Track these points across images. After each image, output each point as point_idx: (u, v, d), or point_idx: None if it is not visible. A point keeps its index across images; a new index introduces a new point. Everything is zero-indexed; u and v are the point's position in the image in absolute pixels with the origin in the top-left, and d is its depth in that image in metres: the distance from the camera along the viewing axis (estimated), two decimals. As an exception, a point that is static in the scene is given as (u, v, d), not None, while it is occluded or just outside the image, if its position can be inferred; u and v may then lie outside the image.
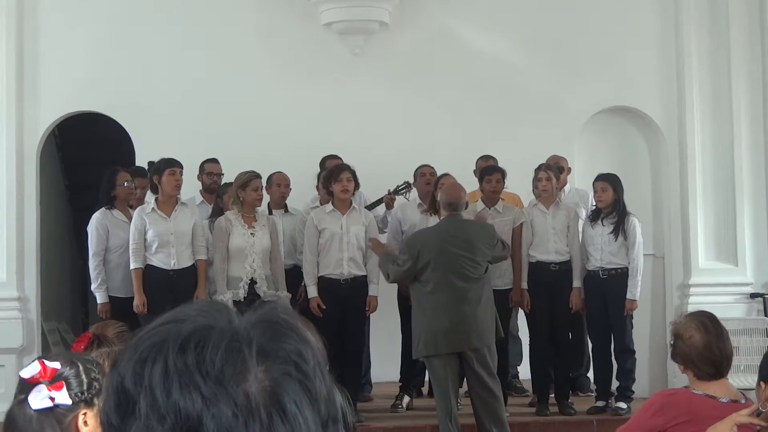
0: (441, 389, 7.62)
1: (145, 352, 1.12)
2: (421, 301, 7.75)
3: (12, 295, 9.31)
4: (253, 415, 1.09)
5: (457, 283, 7.62)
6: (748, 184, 9.94)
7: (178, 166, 8.32)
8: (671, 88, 10.05)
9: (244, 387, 1.09)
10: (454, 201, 7.78)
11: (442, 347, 7.58)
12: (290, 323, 1.16)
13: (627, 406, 8.44)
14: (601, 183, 8.62)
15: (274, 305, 1.20)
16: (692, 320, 4.19)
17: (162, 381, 1.09)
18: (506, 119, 9.98)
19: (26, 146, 9.52)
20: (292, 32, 9.96)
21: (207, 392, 1.08)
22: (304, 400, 1.11)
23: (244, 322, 1.15)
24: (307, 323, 1.22)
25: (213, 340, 1.11)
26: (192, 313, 1.15)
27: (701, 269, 9.83)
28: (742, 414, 3.56)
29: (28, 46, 9.57)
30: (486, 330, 7.64)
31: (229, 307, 1.18)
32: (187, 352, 1.10)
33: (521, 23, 10.10)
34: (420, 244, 7.71)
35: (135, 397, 1.10)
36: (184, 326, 1.13)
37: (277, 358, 1.12)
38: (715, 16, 9.95)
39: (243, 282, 8.05)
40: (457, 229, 7.71)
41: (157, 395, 1.09)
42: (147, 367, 1.10)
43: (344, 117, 9.89)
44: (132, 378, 1.11)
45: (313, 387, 1.13)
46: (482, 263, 7.71)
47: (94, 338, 3.31)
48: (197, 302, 1.19)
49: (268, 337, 1.13)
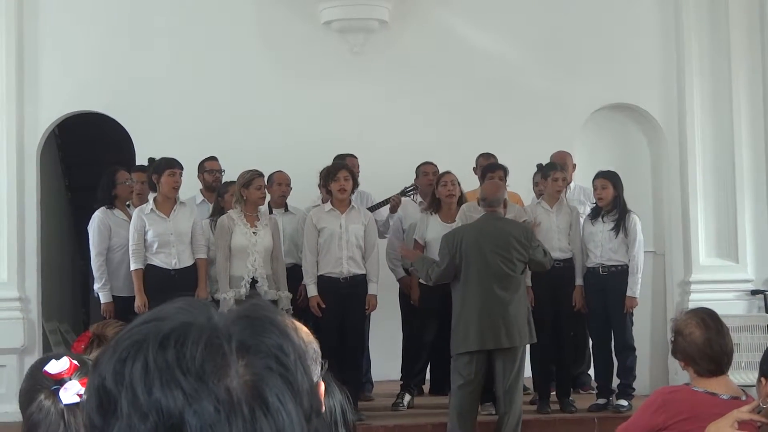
0: (462, 389, 7.65)
1: (125, 351, 1.11)
2: (457, 297, 7.81)
3: (13, 296, 9.32)
4: (235, 410, 1.08)
5: (491, 280, 7.67)
6: (749, 181, 9.95)
7: (178, 167, 8.29)
8: (672, 85, 10.05)
9: (225, 382, 1.09)
10: (491, 197, 7.81)
11: (472, 344, 7.62)
12: (270, 318, 1.16)
13: (628, 403, 8.44)
14: (601, 180, 8.63)
15: (256, 301, 1.20)
16: (693, 317, 4.19)
17: (143, 379, 1.09)
18: (506, 117, 9.98)
19: (27, 146, 9.52)
20: (292, 31, 9.96)
21: (188, 389, 1.08)
22: (287, 393, 1.11)
23: (224, 318, 1.14)
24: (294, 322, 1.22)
25: (193, 337, 1.10)
26: (172, 311, 1.14)
27: (702, 266, 9.83)
28: (743, 411, 3.56)
29: (29, 46, 9.57)
30: (516, 331, 7.67)
31: (210, 305, 1.18)
32: (167, 350, 1.10)
33: (521, 21, 10.10)
34: (458, 240, 7.75)
35: (116, 396, 1.09)
36: (164, 324, 1.12)
37: (257, 353, 1.12)
38: (716, 14, 9.95)
39: (245, 281, 8.05)
40: (494, 226, 7.75)
41: (139, 393, 1.08)
42: (127, 366, 1.10)
43: (344, 115, 9.88)
44: (112, 377, 1.10)
45: (295, 380, 1.12)
46: (518, 263, 7.73)
47: (95, 338, 3.32)
48: (177, 300, 1.18)
49: (249, 333, 1.13)
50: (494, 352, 7.72)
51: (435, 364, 9.03)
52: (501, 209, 7.93)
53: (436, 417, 8.35)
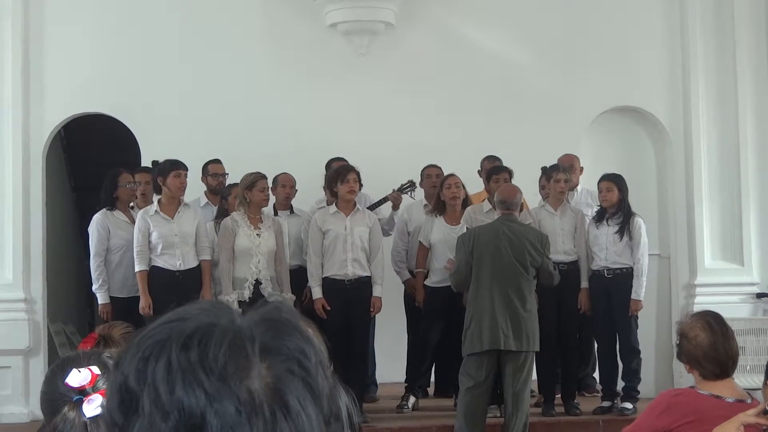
0: (470, 391, 7.64)
1: (148, 349, 1.12)
2: (470, 297, 7.82)
3: (18, 297, 9.33)
4: (256, 412, 1.09)
5: (505, 283, 7.67)
6: (754, 184, 9.93)
7: (184, 169, 8.32)
8: (677, 87, 10.04)
9: (247, 384, 1.09)
10: (507, 200, 7.81)
11: (485, 344, 7.62)
12: (292, 322, 1.17)
13: (633, 406, 8.44)
14: (606, 183, 8.62)
15: (277, 304, 1.20)
16: (698, 320, 4.19)
17: (165, 378, 1.09)
18: (512, 119, 9.98)
19: (32, 147, 9.54)
20: (297, 33, 9.97)
21: (210, 389, 1.08)
22: (307, 396, 1.12)
23: (247, 320, 1.15)
24: (309, 323, 1.23)
25: (216, 337, 1.11)
26: (195, 312, 1.15)
27: (707, 269, 9.82)
28: (749, 414, 3.56)
29: (34, 48, 9.58)
30: (526, 335, 7.67)
31: (232, 307, 1.19)
32: (190, 349, 1.10)
33: (527, 23, 10.10)
34: (473, 240, 7.76)
35: (138, 394, 1.10)
36: (187, 324, 1.13)
37: (279, 355, 1.12)
38: (721, 16, 9.95)
39: (248, 283, 8.06)
40: (510, 229, 7.75)
41: (161, 392, 1.09)
42: (150, 365, 1.11)
43: (349, 117, 9.89)
44: (135, 376, 1.11)
45: (316, 384, 1.13)
46: (530, 267, 7.73)
47: (101, 339, 3.31)
48: (200, 301, 1.19)
49: (271, 335, 1.14)
50: (504, 355, 7.70)
51: (440, 366, 9.04)
52: (517, 213, 7.94)
53: (441, 419, 8.36)
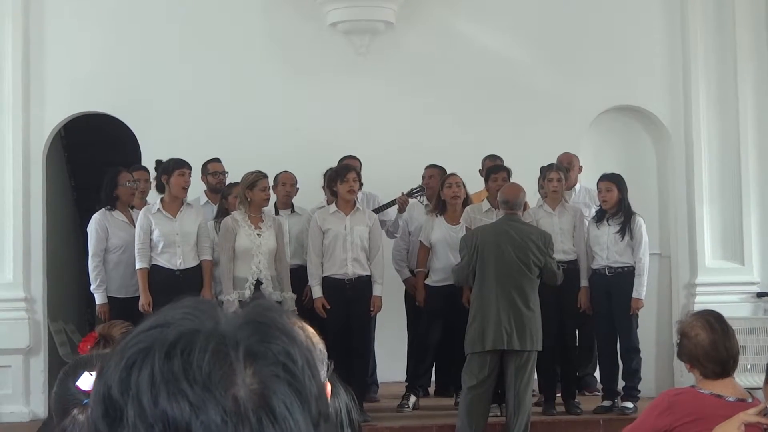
0: (473, 390, 7.64)
1: (131, 358, 1.10)
2: (473, 296, 7.83)
3: (19, 296, 9.33)
4: (242, 420, 1.07)
5: (508, 282, 7.67)
6: (755, 183, 9.94)
7: (188, 168, 8.35)
8: (677, 87, 10.04)
9: (232, 391, 1.07)
10: (510, 199, 7.82)
11: (487, 344, 7.62)
12: (277, 322, 1.14)
13: (633, 405, 8.44)
14: (606, 183, 8.62)
15: (262, 302, 1.18)
16: (698, 319, 4.19)
17: (149, 389, 1.07)
18: (512, 119, 9.97)
19: (32, 147, 9.54)
20: (297, 32, 9.96)
21: (195, 399, 1.06)
22: (294, 400, 1.10)
23: (231, 323, 1.13)
24: (300, 321, 1.21)
25: (199, 345, 1.09)
26: (177, 316, 1.13)
27: (707, 268, 9.82)
28: (750, 413, 3.56)
29: (35, 47, 9.58)
30: (529, 335, 7.67)
31: (216, 306, 1.16)
32: (173, 359, 1.08)
33: (527, 22, 10.10)
34: (476, 239, 7.76)
35: (122, 405, 1.08)
36: (170, 331, 1.11)
37: (264, 360, 1.10)
38: (721, 15, 9.94)
39: (249, 282, 8.06)
40: (513, 228, 7.76)
41: (145, 403, 1.07)
42: (133, 375, 1.09)
43: (350, 117, 9.89)
44: (119, 386, 1.09)
45: (302, 387, 1.11)
46: (533, 266, 7.73)
47: (101, 338, 3.31)
48: (183, 302, 1.17)
49: (256, 339, 1.11)
50: (506, 355, 7.70)
51: (440, 366, 9.04)
52: (521, 212, 7.94)
53: (442, 418, 8.36)
